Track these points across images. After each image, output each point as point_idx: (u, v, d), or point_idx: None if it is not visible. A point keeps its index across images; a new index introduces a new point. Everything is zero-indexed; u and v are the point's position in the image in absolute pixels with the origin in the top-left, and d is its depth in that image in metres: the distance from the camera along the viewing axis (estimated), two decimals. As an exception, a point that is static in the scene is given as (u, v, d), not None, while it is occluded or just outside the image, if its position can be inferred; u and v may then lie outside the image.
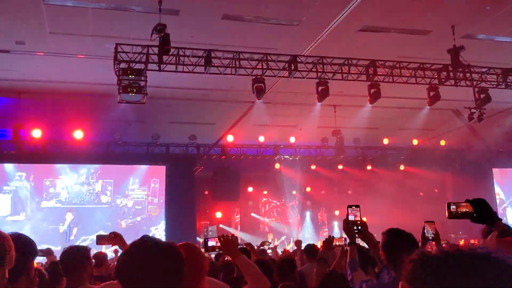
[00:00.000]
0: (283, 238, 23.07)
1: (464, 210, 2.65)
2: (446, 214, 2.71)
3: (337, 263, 5.75)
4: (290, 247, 18.51)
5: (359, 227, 3.96)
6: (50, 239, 17.00)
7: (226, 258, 8.11)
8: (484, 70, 12.53)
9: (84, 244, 6.75)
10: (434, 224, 4.59)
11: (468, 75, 12.20)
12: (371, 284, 3.58)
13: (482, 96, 12.66)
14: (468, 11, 10.31)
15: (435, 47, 11.56)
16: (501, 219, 2.60)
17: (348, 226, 3.99)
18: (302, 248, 10.36)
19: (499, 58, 12.58)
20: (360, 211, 4.00)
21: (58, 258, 8.65)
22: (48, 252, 6.94)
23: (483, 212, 2.60)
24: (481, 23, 10.90)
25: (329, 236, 6.26)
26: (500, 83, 12.70)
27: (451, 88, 12.39)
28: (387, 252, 3.48)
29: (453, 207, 2.69)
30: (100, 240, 4.23)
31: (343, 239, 6.44)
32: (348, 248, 4.19)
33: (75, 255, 3.74)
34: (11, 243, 2.15)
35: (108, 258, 9.49)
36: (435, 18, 10.52)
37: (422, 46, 11.82)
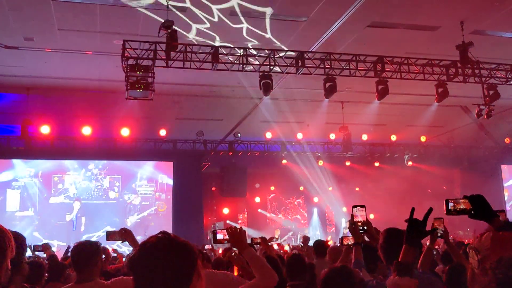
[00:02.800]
0: (290, 234, 23.11)
1: (461, 206, 2.65)
2: (444, 210, 2.71)
3: (342, 262, 5.75)
4: (290, 246, 18.48)
5: (365, 227, 3.96)
6: (58, 235, 17.16)
7: (233, 254, 8.13)
8: (493, 66, 12.45)
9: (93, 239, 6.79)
10: (443, 221, 4.58)
11: (476, 71, 12.12)
12: (370, 284, 3.58)
13: (491, 92, 12.58)
14: (477, 7, 10.24)
15: (444, 43, 11.49)
16: (499, 216, 2.59)
17: (353, 226, 3.99)
18: (310, 244, 10.37)
19: (508, 55, 12.49)
20: (365, 211, 4.00)
21: (62, 254, 8.71)
22: (45, 247, 6.97)
23: (480, 208, 2.59)
24: (490, 19, 10.82)
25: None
26: (509, 79, 12.62)
27: (460, 84, 12.33)
28: (384, 253, 3.46)
29: (451, 204, 2.69)
30: (110, 236, 4.24)
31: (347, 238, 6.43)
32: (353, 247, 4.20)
33: (86, 250, 3.76)
34: (10, 235, 2.17)
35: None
36: (444, 14, 10.46)
37: (430, 42, 11.75)
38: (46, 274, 5.39)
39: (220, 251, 11.16)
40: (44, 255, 8.15)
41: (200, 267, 2.07)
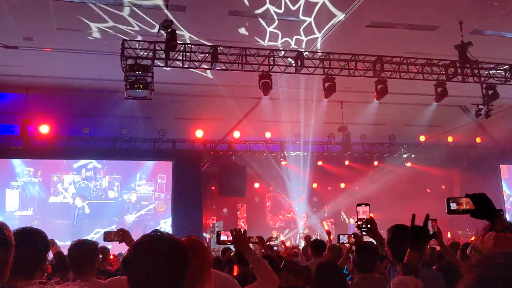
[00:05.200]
0: (289, 234, 23.10)
1: (464, 205, 2.62)
2: (446, 209, 2.68)
3: (342, 262, 5.75)
4: (289, 244, 18.51)
5: (368, 225, 3.96)
6: (58, 234, 17.11)
7: (232, 254, 8.14)
8: (492, 66, 12.46)
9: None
10: (436, 222, 4.60)
11: (475, 71, 12.13)
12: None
13: (490, 92, 12.59)
14: (476, 7, 10.25)
15: (443, 43, 11.50)
16: (502, 216, 2.57)
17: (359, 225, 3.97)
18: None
19: (507, 54, 12.50)
20: (370, 209, 4.00)
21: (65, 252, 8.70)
22: (51, 243, 6.94)
23: (483, 207, 2.56)
24: (489, 19, 10.83)
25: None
26: (508, 79, 12.63)
27: (459, 84, 12.33)
28: (392, 248, 3.48)
29: (453, 203, 2.66)
30: (108, 236, 4.24)
31: (351, 236, 6.44)
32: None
33: (83, 249, 3.76)
34: (11, 234, 2.18)
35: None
36: (443, 13, 10.47)
37: (429, 42, 11.76)
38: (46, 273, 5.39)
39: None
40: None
41: (210, 265, 2.07)
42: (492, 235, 2.43)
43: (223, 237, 3.74)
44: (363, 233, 4.13)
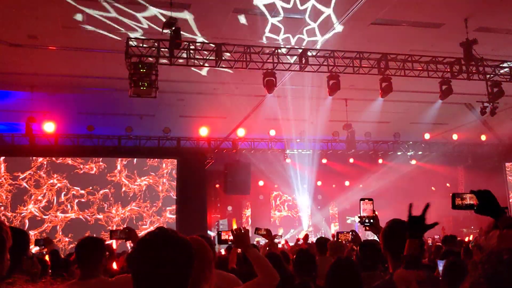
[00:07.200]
0: (293, 231, 23.12)
1: (468, 201, 2.66)
2: (451, 204, 2.72)
3: None
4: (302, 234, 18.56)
5: (371, 220, 3.95)
6: (65, 231, 17.23)
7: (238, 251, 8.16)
8: (497, 63, 12.42)
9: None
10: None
11: (481, 68, 12.10)
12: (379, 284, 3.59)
13: (495, 89, 12.54)
14: (481, 4, 10.21)
15: (448, 40, 11.46)
16: (506, 213, 2.58)
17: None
18: (312, 241, 10.38)
19: (512, 52, 12.46)
20: (373, 204, 4.00)
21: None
22: (47, 241, 6.92)
23: (487, 203, 2.59)
24: (494, 16, 10.78)
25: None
26: (514, 76, 12.58)
27: (464, 81, 12.30)
28: (385, 239, 3.45)
29: (457, 198, 2.70)
30: (114, 235, 4.26)
31: (350, 233, 6.45)
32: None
33: (90, 247, 3.77)
34: (7, 226, 2.19)
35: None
36: (448, 11, 10.43)
37: (434, 39, 11.73)
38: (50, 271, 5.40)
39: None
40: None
41: (211, 263, 2.07)
42: (496, 233, 2.45)
43: (224, 236, 3.82)
44: (367, 227, 4.12)
